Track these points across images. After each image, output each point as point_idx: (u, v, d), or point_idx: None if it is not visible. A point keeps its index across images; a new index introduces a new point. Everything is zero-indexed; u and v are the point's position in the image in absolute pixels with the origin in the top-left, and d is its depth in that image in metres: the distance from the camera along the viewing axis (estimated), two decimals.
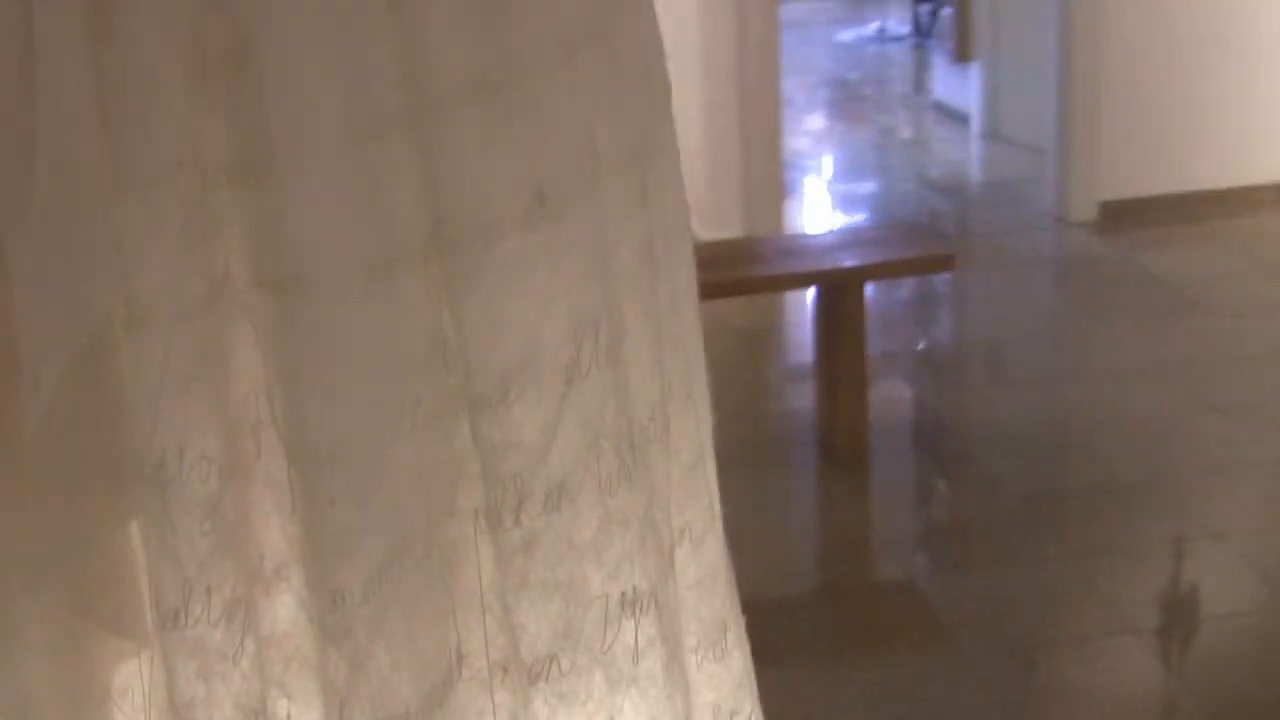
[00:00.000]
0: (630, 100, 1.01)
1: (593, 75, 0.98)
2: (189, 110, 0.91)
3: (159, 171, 0.91)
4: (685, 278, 1.11)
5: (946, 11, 7.09)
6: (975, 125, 6.72)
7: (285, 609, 1.01)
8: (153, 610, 0.98)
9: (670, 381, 1.06)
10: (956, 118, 6.99)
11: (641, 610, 1.02)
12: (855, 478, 3.55)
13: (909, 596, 3.06)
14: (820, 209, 6.15)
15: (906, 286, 4.73)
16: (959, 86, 7.00)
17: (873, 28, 9.37)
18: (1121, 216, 5.24)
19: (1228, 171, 5.29)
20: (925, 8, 7.64)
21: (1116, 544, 3.15)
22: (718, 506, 1.10)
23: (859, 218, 5.92)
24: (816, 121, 7.54)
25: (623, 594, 1.01)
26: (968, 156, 6.63)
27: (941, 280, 4.75)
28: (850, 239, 4.39)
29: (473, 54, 0.93)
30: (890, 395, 3.97)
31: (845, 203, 6.17)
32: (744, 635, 1.11)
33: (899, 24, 9.09)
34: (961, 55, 6.84)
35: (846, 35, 9.31)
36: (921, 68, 8.10)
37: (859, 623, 2.98)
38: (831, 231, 5.28)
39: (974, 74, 6.73)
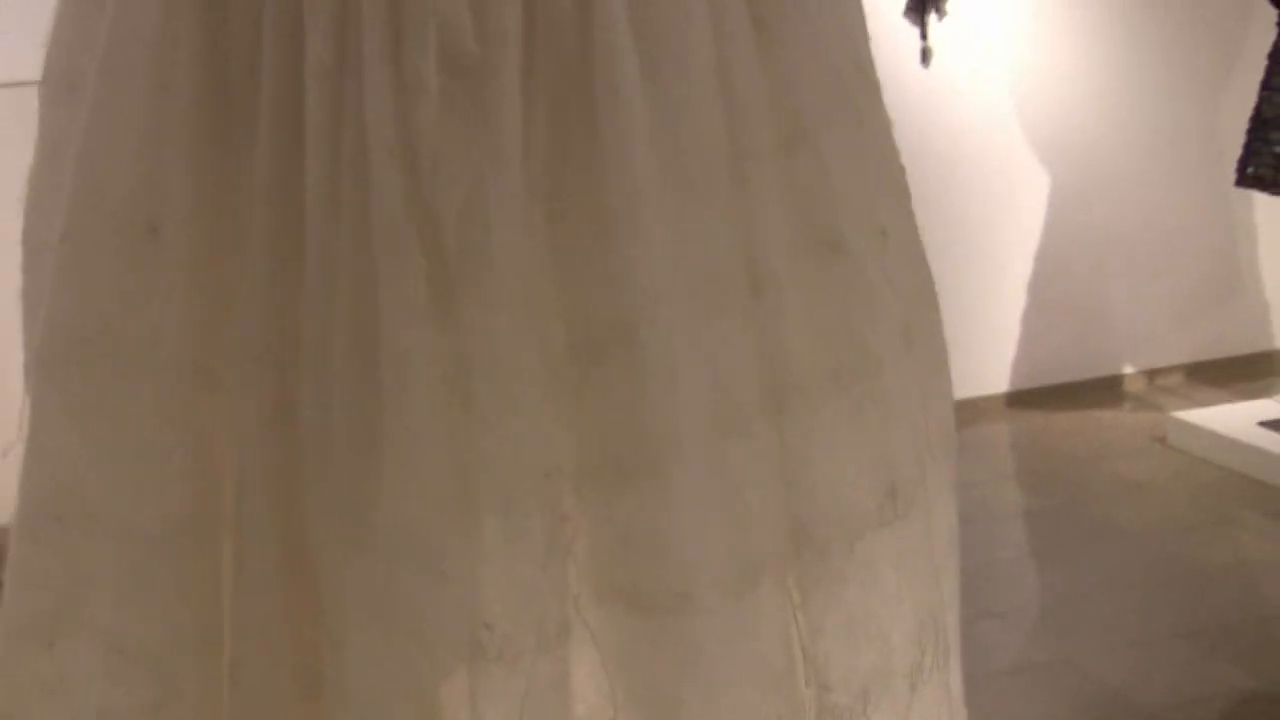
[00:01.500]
0: (946, 375, 1.00)
1: (928, 358, 0.95)
2: (550, 412, 0.80)
3: (522, 485, 0.79)
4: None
5: None
6: None
7: None
8: None
9: (960, 676, 1.00)
10: None
11: None
12: None
13: None
14: None
15: None
16: None
17: None
18: None
19: (955, 384, 5.50)
20: None
21: None
22: None
23: None
24: None
25: None
26: None
27: None
28: None
29: (827, 343, 0.89)
30: None
31: None
32: None
33: None
34: None
35: None
36: None
37: None
38: None
39: None
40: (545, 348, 0.81)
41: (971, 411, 5.50)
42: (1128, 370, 5.64)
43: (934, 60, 4.88)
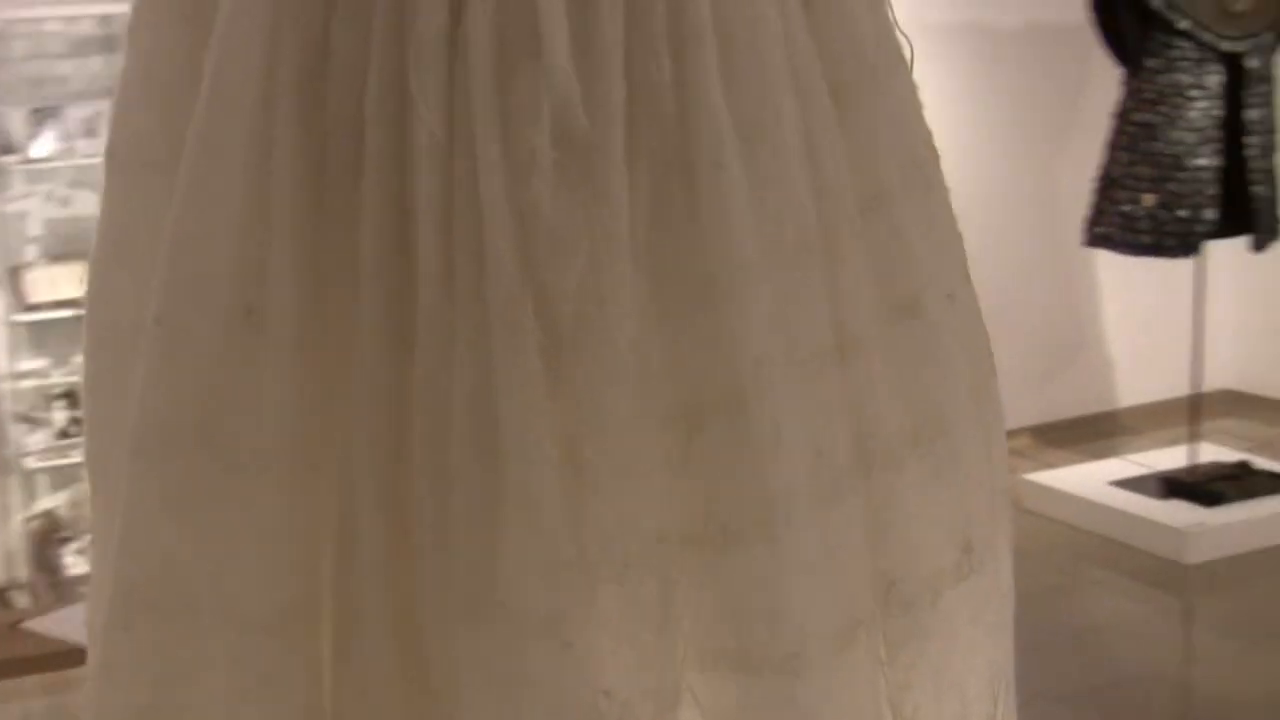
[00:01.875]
0: (1003, 434, 1.02)
1: (991, 417, 0.98)
2: (664, 474, 0.82)
3: (637, 551, 0.81)
4: None
5: None
6: None
7: None
8: None
9: None
10: None
11: None
12: None
13: None
14: None
15: None
16: None
17: None
18: None
19: None
20: None
21: None
22: None
23: None
24: None
25: None
26: None
27: None
28: None
29: (908, 405, 0.92)
30: None
31: None
32: None
33: None
34: None
35: None
36: None
37: None
38: None
39: None
40: (652, 414, 0.84)
41: None
42: None
43: None
